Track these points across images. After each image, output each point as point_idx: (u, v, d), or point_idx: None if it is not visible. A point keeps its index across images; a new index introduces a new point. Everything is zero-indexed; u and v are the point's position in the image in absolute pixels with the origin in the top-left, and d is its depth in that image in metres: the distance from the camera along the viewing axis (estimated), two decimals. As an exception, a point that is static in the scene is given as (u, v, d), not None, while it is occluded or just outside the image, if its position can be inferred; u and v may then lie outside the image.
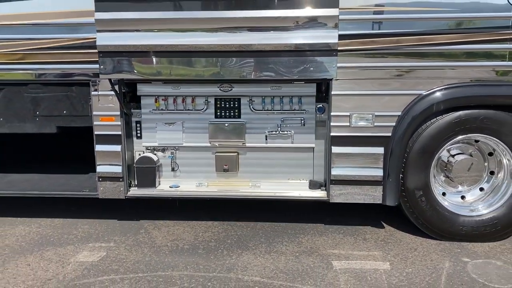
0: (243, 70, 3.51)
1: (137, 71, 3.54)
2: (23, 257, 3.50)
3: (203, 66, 3.54)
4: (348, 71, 3.52)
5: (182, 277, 3.16)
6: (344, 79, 3.54)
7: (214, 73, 3.56)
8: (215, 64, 3.52)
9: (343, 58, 3.46)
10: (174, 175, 4.03)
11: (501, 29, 3.41)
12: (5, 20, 3.72)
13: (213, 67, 3.54)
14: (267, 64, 3.46)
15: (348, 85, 3.56)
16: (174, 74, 3.57)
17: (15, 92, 3.95)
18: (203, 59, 3.52)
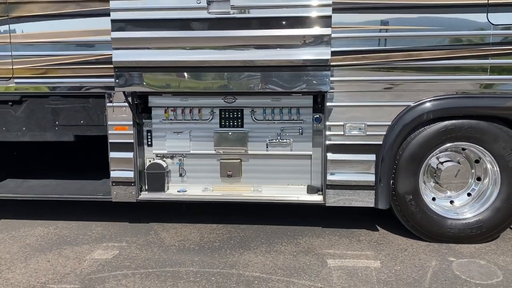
0: (245, 84, 3.83)
1: (148, 85, 3.88)
2: (43, 255, 3.82)
3: (209, 80, 3.87)
4: (341, 84, 3.83)
5: (188, 273, 3.45)
6: (338, 91, 3.85)
7: (219, 86, 3.89)
8: (220, 78, 3.85)
9: (336, 72, 3.78)
10: (182, 180, 4.33)
11: (482, 45, 3.71)
12: (30, 38, 4.09)
13: (218, 81, 3.87)
14: (267, 78, 3.78)
15: (342, 97, 3.86)
16: (183, 87, 3.90)
17: (37, 104, 4.30)
18: (209, 74, 3.85)
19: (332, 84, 3.81)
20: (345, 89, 3.85)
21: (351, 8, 3.68)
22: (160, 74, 3.89)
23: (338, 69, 3.78)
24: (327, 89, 3.77)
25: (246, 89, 3.85)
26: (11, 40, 4.11)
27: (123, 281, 3.32)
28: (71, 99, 4.26)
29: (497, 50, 3.69)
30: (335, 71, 3.79)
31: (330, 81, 3.79)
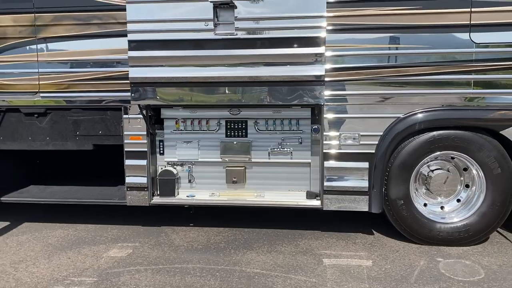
0: (248, 97, 4.20)
1: (161, 98, 4.28)
2: (64, 253, 4.20)
3: (216, 94, 4.25)
4: (336, 97, 4.17)
5: (195, 269, 3.79)
6: (334, 104, 4.20)
7: (225, 100, 4.27)
8: (226, 93, 4.23)
9: (332, 87, 4.14)
10: (191, 186, 4.69)
11: (465, 62, 4.03)
12: (55, 57, 4.53)
13: (224, 95, 4.24)
14: (269, 92, 4.15)
15: (337, 109, 4.21)
16: (192, 100, 4.29)
17: (60, 116, 4.72)
18: (216, 88, 4.23)
19: (328, 98, 4.16)
20: (340, 102, 4.20)
21: (343, 29, 4.05)
22: (171, 88, 4.28)
23: (333, 84, 4.13)
24: (323, 102, 4.12)
25: (249, 102, 4.22)
26: (38, 59, 4.56)
27: (136, 275, 3.67)
28: (90, 112, 4.67)
29: (479, 66, 4.01)
30: (330, 86, 4.14)
31: (326, 94, 4.14)
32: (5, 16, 4.54)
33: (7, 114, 4.79)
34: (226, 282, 3.54)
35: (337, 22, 4.04)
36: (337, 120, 4.23)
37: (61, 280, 3.60)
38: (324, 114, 4.23)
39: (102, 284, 3.51)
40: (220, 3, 3.93)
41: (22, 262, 3.98)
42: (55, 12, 4.46)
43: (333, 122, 4.24)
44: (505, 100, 4.04)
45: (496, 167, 4.10)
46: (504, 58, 3.99)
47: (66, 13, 4.44)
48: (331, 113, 4.21)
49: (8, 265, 3.92)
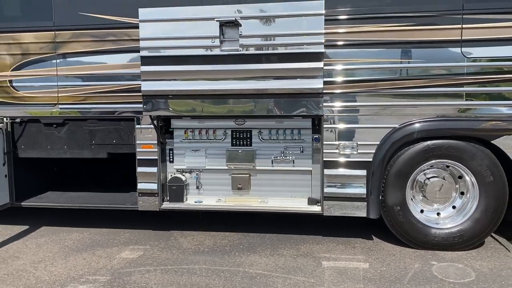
0: (252, 109, 4.46)
1: (171, 110, 4.57)
2: (80, 254, 4.49)
3: (222, 106, 4.52)
4: (335, 108, 4.42)
5: (201, 269, 4.05)
6: (333, 115, 4.45)
7: (231, 111, 4.53)
8: (232, 104, 4.50)
9: (331, 99, 4.39)
10: (198, 192, 4.96)
11: (457, 75, 4.26)
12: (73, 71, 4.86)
13: (230, 106, 4.51)
14: (271, 104, 4.40)
15: (336, 120, 4.45)
16: (200, 111, 4.56)
17: (77, 126, 5.05)
18: (222, 100, 4.50)
19: (327, 109, 4.42)
20: (339, 113, 4.44)
21: (341, 44, 4.32)
22: (181, 101, 4.56)
23: (332, 96, 4.39)
24: (322, 113, 4.37)
25: (253, 113, 4.48)
26: (57, 73, 4.89)
27: (146, 275, 3.94)
28: (105, 122, 4.99)
29: (470, 79, 4.23)
30: (329, 98, 4.40)
31: (326, 106, 4.40)
32: (28, 33, 4.89)
33: (28, 125, 5.13)
34: (229, 281, 3.79)
35: (334, 38, 4.31)
36: (336, 130, 4.47)
37: (77, 278, 3.88)
38: (324, 124, 4.48)
39: (114, 282, 3.79)
40: (226, 22, 4.23)
41: (41, 262, 4.28)
42: (74, 29, 4.80)
43: (332, 132, 4.48)
44: (496, 111, 4.25)
45: (488, 175, 4.29)
46: (493, 71, 4.21)
47: (84, 30, 4.78)
48: (330, 123, 4.46)
49: (28, 264, 4.22)
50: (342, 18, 4.30)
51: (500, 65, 4.20)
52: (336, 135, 4.48)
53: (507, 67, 4.18)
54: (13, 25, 4.93)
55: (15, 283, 3.81)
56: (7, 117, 5.06)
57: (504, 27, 4.13)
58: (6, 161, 5.02)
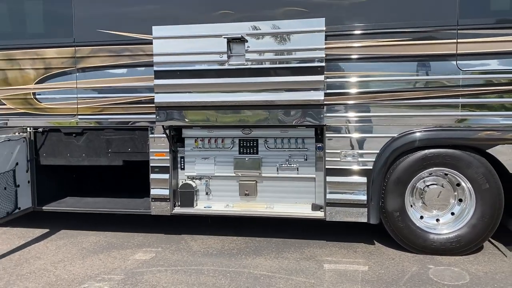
0: (258, 119, 4.73)
1: (182, 120, 4.86)
2: (96, 255, 4.78)
3: (230, 116, 4.80)
4: (337, 119, 4.67)
5: (209, 270, 4.30)
6: (335, 125, 4.69)
7: (238, 121, 4.80)
8: (239, 115, 4.77)
9: (332, 109, 4.64)
10: (208, 198, 5.23)
11: (453, 87, 4.47)
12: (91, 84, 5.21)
13: (237, 117, 4.79)
14: (276, 115, 4.67)
15: (337, 129, 4.69)
16: (209, 121, 4.84)
17: (95, 135, 5.38)
18: (230, 111, 4.78)
19: (329, 119, 4.66)
20: (340, 123, 4.68)
21: (341, 59, 4.57)
22: (191, 111, 4.85)
23: (333, 107, 4.63)
24: (323, 124, 4.62)
25: (259, 123, 4.75)
26: (77, 86, 5.24)
27: (157, 274, 4.21)
28: (121, 131, 5.31)
29: (465, 91, 4.44)
30: (331, 109, 4.64)
31: (327, 116, 4.64)
32: (51, 49, 5.27)
33: (49, 134, 5.49)
34: (235, 281, 4.03)
35: (335, 53, 4.57)
36: (337, 139, 4.71)
37: (94, 277, 4.17)
38: (326, 133, 4.72)
39: (128, 281, 4.07)
40: (233, 38, 4.53)
41: (61, 262, 4.59)
42: (92, 45, 5.15)
43: (334, 141, 4.71)
44: (490, 121, 4.44)
45: (484, 182, 4.47)
46: (487, 83, 4.41)
47: (102, 46, 5.12)
48: (332, 133, 4.70)
49: (49, 264, 4.53)
50: (342, 33, 4.57)
51: (493, 78, 4.40)
52: (337, 144, 4.71)
53: (499, 79, 4.38)
54: (37, 42, 5.30)
55: (37, 281, 4.11)
56: (30, 127, 5.42)
57: (496, 42, 4.33)
58: (29, 168, 5.37)
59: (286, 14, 4.69)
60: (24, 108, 5.40)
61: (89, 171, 6.13)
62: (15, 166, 5.09)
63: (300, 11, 4.66)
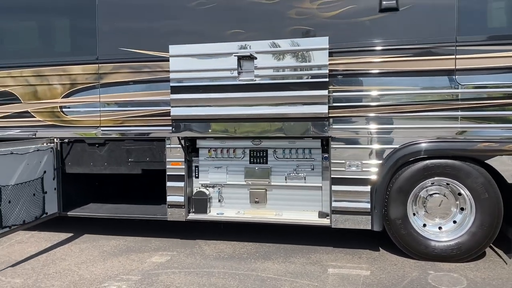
0: (267, 130, 5.03)
1: (196, 131, 5.20)
2: (116, 258, 5.14)
3: (241, 128, 5.10)
4: (341, 131, 4.93)
5: (219, 272, 4.60)
6: (339, 136, 4.95)
7: (248, 132, 5.11)
8: (249, 127, 5.07)
9: (336, 122, 4.90)
10: (220, 205, 5.54)
11: (453, 100, 4.69)
12: (113, 98, 5.61)
13: (247, 128, 5.09)
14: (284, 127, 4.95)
15: (342, 141, 4.95)
16: (221, 133, 5.17)
17: (116, 145, 5.77)
18: (241, 123, 5.08)
19: (334, 131, 4.93)
20: (344, 135, 4.94)
21: (344, 74, 4.85)
22: (205, 124, 5.18)
23: (337, 119, 4.90)
24: (328, 135, 4.89)
25: (267, 135, 5.05)
26: (100, 100, 5.65)
27: (172, 276, 4.53)
28: (140, 142, 5.69)
29: (464, 104, 4.66)
30: (336, 121, 4.91)
31: (332, 128, 4.91)
32: (76, 66, 5.70)
33: (74, 144, 5.91)
34: (243, 282, 4.32)
35: (339, 68, 4.85)
36: (342, 150, 4.96)
37: (113, 277, 4.52)
38: (331, 144, 4.98)
39: (144, 281, 4.40)
40: (242, 56, 4.86)
41: (84, 263, 4.96)
42: (114, 62, 5.56)
43: (339, 151, 4.97)
44: (488, 133, 4.63)
45: (483, 192, 4.65)
46: (484, 97, 4.62)
47: (123, 63, 5.53)
48: (337, 144, 4.96)
49: (73, 265, 4.91)
50: (346, 50, 4.85)
51: (490, 92, 4.60)
52: (342, 155, 4.97)
53: (497, 93, 4.58)
54: (64, 59, 5.75)
55: (62, 280, 4.48)
56: (57, 138, 5.85)
57: (493, 57, 4.54)
58: (55, 176, 5.79)
59: (294, 32, 5.00)
60: (52, 120, 5.83)
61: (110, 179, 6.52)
62: (43, 174, 5.51)
63: (306, 29, 4.97)
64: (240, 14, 5.15)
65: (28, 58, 5.88)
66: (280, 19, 5.04)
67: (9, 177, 4.92)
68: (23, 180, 5.11)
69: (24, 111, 5.89)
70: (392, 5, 4.75)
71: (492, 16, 4.70)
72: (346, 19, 4.90)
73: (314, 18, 4.96)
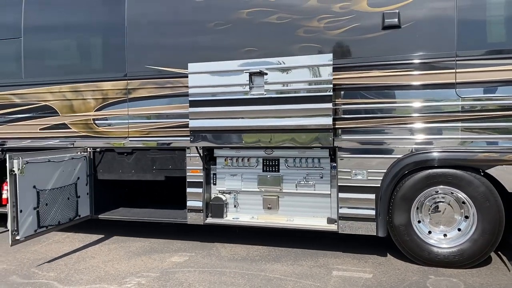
0: (278, 141, 5.38)
1: (212, 141, 5.63)
2: (139, 257, 5.62)
3: (254, 139, 5.49)
4: (347, 141, 5.23)
5: (231, 272, 4.97)
6: (345, 146, 5.25)
7: (261, 142, 5.49)
8: (261, 137, 5.44)
9: (343, 133, 5.21)
10: (236, 210, 5.93)
11: (453, 112, 4.90)
12: (140, 111, 6.15)
13: (260, 139, 5.47)
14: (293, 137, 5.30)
15: (348, 151, 5.24)
16: (235, 143, 5.58)
17: (142, 154, 6.29)
18: (254, 134, 5.47)
19: (341, 142, 5.23)
20: (350, 145, 5.24)
21: (349, 88, 5.16)
22: (219, 134, 5.60)
23: (344, 130, 5.21)
24: (332, 145, 5.19)
25: (277, 145, 5.40)
26: (128, 113, 6.20)
27: (187, 274, 4.95)
28: (163, 151, 6.19)
29: (464, 116, 4.86)
30: (342, 132, 5.22)
31: (340, 138, 5.22)
32: (107, 82, 6.29)
33: (105, 153, 6.49)
34: (250, 281, 4.68)
35: (344, 82, 5.17)
36: (348, 160, 5.26)
37: (135, 274, 4.99)
38: (338, 154, 5.29)
39: (161, 278, 4.84)
40: (254, 72, 5.27)
41: (110, 261, 5.46)
42: (141, 79, 6.10)
43: (345, 161, 5.27)
44: (488, 144, 4.80)
45: (484, 200, 4.81)
46: (484, 109, 4.80)
47: (149, 79, 6.07)
48: (343, 153, 5.26)
49: (101, 262, 5.42)
50: (350, 66, 5.17)
51: (489, 104, 4.79)
52: (348, 164, 5.26)
53: (495, 105, 4.76)
54: (97, 76, 6.35)
55: (90, 274, 5.00)
56: (90, 147, 6.45)
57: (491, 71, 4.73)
58: (88, 182, 6.37)
59: (302, 49, 5.37)
60: (85, 131, 6.44)
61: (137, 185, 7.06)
62: (77, 180, 6.10)
63: (314, 46, 5.32)
64: (253, 33, 5.58)
65: (65, 76, 6.53)
66: (289, 37, 5.43)
67: (47, 182, 5.52)
68: (58, 185, 5.71)
69: (62, 123, 6.54)
70: (394, 23, 5.04)
71: (490, 32, 4.88)
72: (351, 36, 5.22)
73: (321, 35, 5.32)
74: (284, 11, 5.46)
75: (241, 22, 5.63)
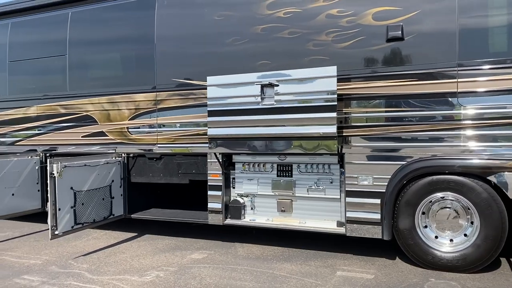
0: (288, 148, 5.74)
1: (228, 148, 6.08)
2: (163, 253, 6.16)
3: (268, 145, 5.89)
4: (353, 148, 5.50)
5: (241, 269, 5.38)
6: (352, 153, 5.52)
7: (274, 149, 5.87)
8: (274, 145, 5.84)
9: (350, 140, 5.48)
10: (253, 213, 6.33)
11: (455, 120, 5.04)
12: (167, 120, 6.73)
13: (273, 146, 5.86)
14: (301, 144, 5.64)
15: (354, 157, 5.51)
16: (253, 149, 5.98)
17: (170, 159, 6.87)
18: (268, 141, 5.85)
19: (348, 149, 5.51)
20: (356, 152, 5.50)
21: (354, 97, 5.44)
22: (239, 141, 6.04)
23: (350, 138, 5.48)
24: (339, 152, 5.48)
25: (287, 151, 5.75)
26: (157, 121, 6.81)
27: (202, 269, 5.41)
28: (188, 157, 6.73)
29: (466, 124, 4.99)
30: (349, 139, 5.50)
31: (346, 145, 5.50)
32: (139, 94, 6.94)
33: (137, 158, 7.13)
34: (257, 277, 5.06)
35: (351, 92, 5.45)
36: (354, 166, 5.52)
37: (156, 268, 5.53)
38: (345, 160, 5.57)
39: (178, 272, 5.34)
40: (265, 84, 5.68)
41: (137, 256, 6.05)
42: (168, 90, 6.69)
43: (352, 167, 5.53)
44: (489, 151, 4.90)
45: (487, 206, 4.91)
46: (485, 117, 4.91)
47: (175, 91, 6.64)
48: (350, 160, 5.53)
49: (128, 257, 6.02)
50: (355, 76, 5.45)
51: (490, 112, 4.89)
52: (354, 170, 5.52)
53: (496, 113, 4.86)
54: (131, 89, 7.02)
55: (117, 267, 5.59)
56: (124, 153, 7.12)
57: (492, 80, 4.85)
58: (122, 184, 7.04)
59: (312, 61, 5.71)
60: (120, 138, 7.12)
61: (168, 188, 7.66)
62: (111, 183, 6.77)
63: (322, 58, 5.65)
64: (266, 47, 5.99)
65: (104, 88, 7.27)
66: (300, 51, 5.79)
67: (83, 184, 6.21)
68: (94, 187, 6.39)
69: (100, 131, 7.26)
70: (398, 35, 5.27)
71: (490, 42, 4.98)
72: (357, 48, 5.50)
73: (329, 48, 5.63)
74: (295, 26, 5.84)
75: (257, 37, 6.07)
